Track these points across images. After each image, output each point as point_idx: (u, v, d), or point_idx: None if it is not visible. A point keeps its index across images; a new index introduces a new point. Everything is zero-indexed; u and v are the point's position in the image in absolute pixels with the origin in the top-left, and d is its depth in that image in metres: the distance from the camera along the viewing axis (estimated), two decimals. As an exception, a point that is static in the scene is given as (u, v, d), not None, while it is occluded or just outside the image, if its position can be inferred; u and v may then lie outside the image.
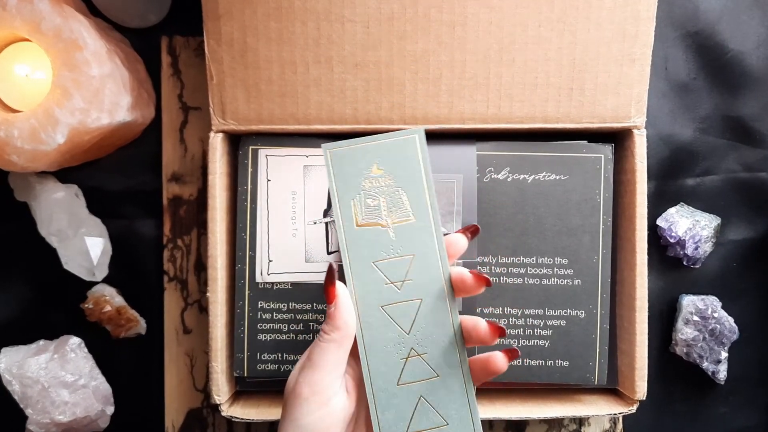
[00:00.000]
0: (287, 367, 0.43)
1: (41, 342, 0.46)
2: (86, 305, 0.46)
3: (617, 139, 0.44)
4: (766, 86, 0.49)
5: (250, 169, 0.43)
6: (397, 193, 0.33)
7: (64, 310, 0.47)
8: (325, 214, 0.43)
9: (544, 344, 0.43)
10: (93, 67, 0.38)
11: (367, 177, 0.33)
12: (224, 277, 0.43)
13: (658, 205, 0.49)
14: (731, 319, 0.48)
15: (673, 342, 0.48)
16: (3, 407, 0.45)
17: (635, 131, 0.42)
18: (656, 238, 0.49)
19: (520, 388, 0.45)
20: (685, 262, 0.48)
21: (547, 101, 0.42)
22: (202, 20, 0.41)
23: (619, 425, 0.49)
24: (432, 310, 0.32)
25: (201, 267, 0.47)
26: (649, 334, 0.42)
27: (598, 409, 0.43)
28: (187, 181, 0.47)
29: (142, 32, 0.47)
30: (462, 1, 0.40)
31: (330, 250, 0.43)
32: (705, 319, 0.47)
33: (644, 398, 0.42)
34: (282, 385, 0.44)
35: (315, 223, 0.43)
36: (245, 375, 0.43)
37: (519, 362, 0.43)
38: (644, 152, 0.42)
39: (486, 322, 0.32)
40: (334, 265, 0.32)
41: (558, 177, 0.43)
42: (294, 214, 0.43)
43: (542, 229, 0.43)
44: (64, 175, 0.46)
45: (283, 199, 0.43)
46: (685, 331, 0.47)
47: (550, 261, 0.43)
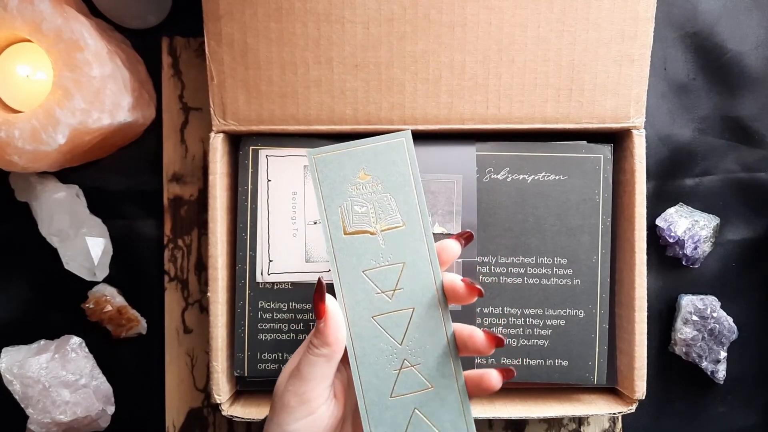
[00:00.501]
0: (287, 367, 0.43)
1: (42, 342, 0.46)
2: (87, 305, 0.46)
3: (616, 139, 0.44)
4: (765, 87, 0.49)
5: (250, 170, 0.43)
6: (385, 198, 0.32)
7: (64, 310, 0.47)
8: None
9: (544, 344, 0.43)
10: (94, 67, 0.38)
11: (354, 183, 0.32)
12: (225, 277, 0.43)
13: (658, 205, 0.49)
14: (730, 319, 0.48)
15: (672, 342, 0.49)
16: (4, 407, 0.45)
17: (634, 131, 0.42)
18: (655, 238, 0.49)
19: (520, 387, 0.45)
20: (684, 262, 0.48)
21: (547, 102, 0.42)
22: (203, 21, 0.41)
23: (619, 425, 0.49)
24: (424, 319, 0.31)
25: (201, 267, 0.48)
26: (648, 334, 0.42)
27: (598, 409, 0.43)
28: (187, 181, 0.47)
29: (142, 33, 0.47)
30: (462, 2, 0.40)
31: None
32: (704, 318, 0.47)
33: (643, 398, 0.42)
34: (282, 385, 0.44)
35: (315, 223, 0.43)
36: (245, 375, 0.43)
37: (519, 362, 0.43)
38: (643, 152, 0.42)
39: (483, 333, 0.31)
40: (323, 279, 0.31)
41: (557, 177, 0.43)
42: (294, 214, 0.43)
43: (542, 229, 0.43)
44: (64, 175, 0.46)
45: (284, 199, 0.43)
46: (684, 331, 0.48)
47: (550, 261, 0.43)
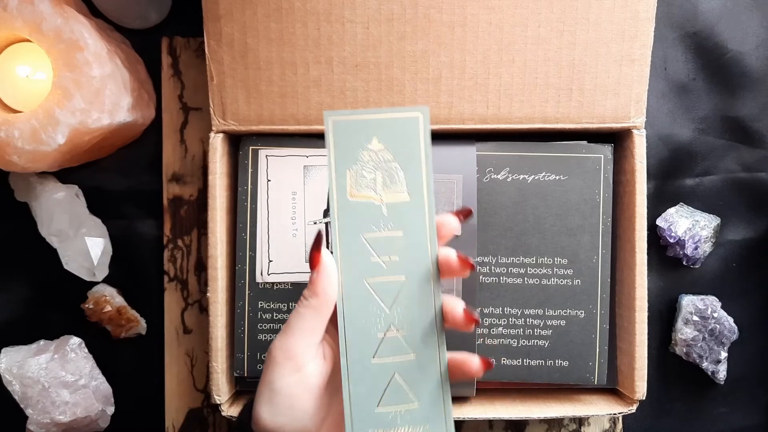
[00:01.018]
0: (287, 367, 0.43)
1: (41, 342, 0.46)
2: (87, 305, 0.46)
3: (617, 139, 0.44)
4: (765, 87, 0.49)
5: (250, 170, 0.43)
6: (394, 169, 0.32)
7: (64, 310, 0.47)
8: (325, 214, 0.43)
9: (544, 344, 0.43)
10: (93, 67, 0.38)
11: (366, 149, 0.32)
12: (224, 277, 0.43)
13: (658, 205, 0.49)
14: (731, 319, 0.48)
15: (673, 342, 0.49)
16: (3, 407, 0.45)
17: (635, 131, 0.42)
18: (656, 238, 0.49)
19: (520, 388, 0.45)
20: (684, 262, 0.48)
21: (547, 101, 0.42)
22: (203, 21, 0.41)
23: (619, 425, 0.49)
24: (415, 290, 0.32)
25: (201, 267, 0.48)
26: (648, 334, 0.42)
27: (598, 409, 0.43)
28: (187, 181, 0.47)
29: (142, 33, 0.47)
30: (462, 2, 0.40)
31: (330, 250, 0.43)
32: (704, 319, 0.47)
33: (644, 398, 0.42)
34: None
35: (315, 223, 0.43)
36: (245, 375, 0.43)
37: (519, 362, 0.43)
38: (644, 152, 0.42)
39: (463, 308, 0.31)
40: (323, 232, 0.32)
41: (558, 177, 0.43)
42: (294, 214, 0.43)
43: (542, 229, 0.43)
44: (64, 175, 0.46)
45: (283, 199, 0.43)
46: (684, 331, 0.47)
47: (550, 261, 0.43)
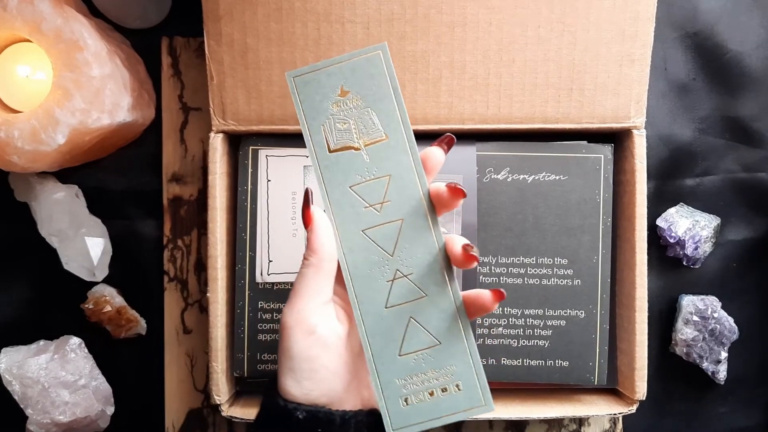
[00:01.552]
0: (287, 367, 0.43)
1: (41, 342, 0.46)
2: (86, 305, 0.46)
3: (617, 139, 0.44)
4: (766, 87, 0.49)
5: (250, 170, 0.43)
6: (366, 113, 0.31)
7: (64, 310, 0.47)
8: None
9: (544, 344, 0.43)
10: (93, 67, 0.38)
11: (335, 100, 0.31)
12: (224, 277, 0.43)
13: (658, 205, 0.49)
14: (731, 319, 0.48)
15: (673, 342, 0.49)
16: (3, 407, 0.45)
17: (635, 131, 0.42)
18: (656, 238, 0.49)
19: (520, 388, 0.45)
20: (684, 262, 0.48)
21: (547, 102, 0.42)
22: (203, 21, 0.41)
23: (619, 425, 0.49)
24: (414, 229, 0.31)
25: (201, 267, 0.48)
26: (648, 334, 0.42)
27: (598, 409, 0.43)
28: (187, 181, 0.47)
29: (142, 33, 0.47)
30: (462, 2, 0.40)
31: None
32: (705, 319, 0.47)
33: (644, 398, 0.42)
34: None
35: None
36: (245, 375, 0.43)
37: (519, 362, 0.43)
38: (644, 152, 0.42)
39: (462, 244, 0.30)
40: (311, 189, 0.31)
41: (558, 177, 0.43)
42: (294, 214, 0.43)
43: (542, 229, 0.43)
44: (64, 175, 0.46)
45: (283, 199, 0.43)
46: (684, 331, 0.47)
47: (550, 261, 0.43)
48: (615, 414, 0.42)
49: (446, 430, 0.49)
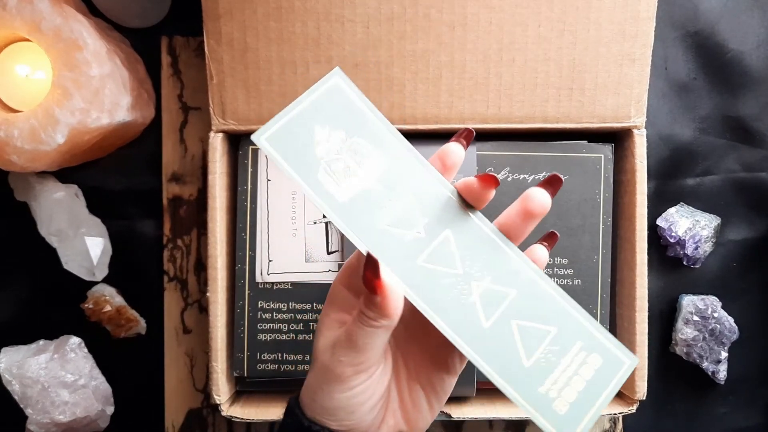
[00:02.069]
0: (287, 367, 0.43)
1: (41, 342, 0.46)
2: (86, 305, 0.46)
3: (617, 139, 0.44)
4: (766, 86, 0.49)
5: (250, 169, 0.43)
6: (355, 143, 0.29)
7: (64, 310, 0.47)
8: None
9: (544, 344, 0.43)
10: (93, 67, 0.38)
11: (317, 144, 0.28)
12: (224, 277, 0.43)
13: (658, 205, 0.49)
14: (731, 319, 0.48)
15: (673, 342, 0.48)
16: (3, 407, 0.45)
17: (635, 131, 0.42)
18: (656, 238, 0.49)
19: (520, 388, 0.45)
20: (685, 262, 0.48)
21: (547, 101, 0.42)
22: (202, 20, 0.41)
23: (619, 425, 0.49)
24: (464, 233, 0.29)
25: (201, 267, 0.47)
26: (649, 334, 0.42)
27: (598, 409, 0.43)
28: (187, 181, 0.47)
29: (142, 32, 0.47)
30: (462, 2, 0.40)
31: (330, 250, 0.43)
32: (705, 319, 0.47)
33: (644, 398, 0.42)
34: (282, 386, 0.44)
35: (315, 223, 0.43)
36: (245, 375, 0.43)
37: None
38: (644, 152, 0.42)
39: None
40: (373, 254, 0.27)
41: (558, 177, 0.43)
42: (294, 214, 0.43)
43: (542, 229, 0.43)
44: (64, 175, 0.46)
45: (283, 199, 0.43)
46: (685, 331, 0.47)
47: (550, 261, 0.43)
48: (615, 414, 0.42)
49: (446, 430, 0.49)
